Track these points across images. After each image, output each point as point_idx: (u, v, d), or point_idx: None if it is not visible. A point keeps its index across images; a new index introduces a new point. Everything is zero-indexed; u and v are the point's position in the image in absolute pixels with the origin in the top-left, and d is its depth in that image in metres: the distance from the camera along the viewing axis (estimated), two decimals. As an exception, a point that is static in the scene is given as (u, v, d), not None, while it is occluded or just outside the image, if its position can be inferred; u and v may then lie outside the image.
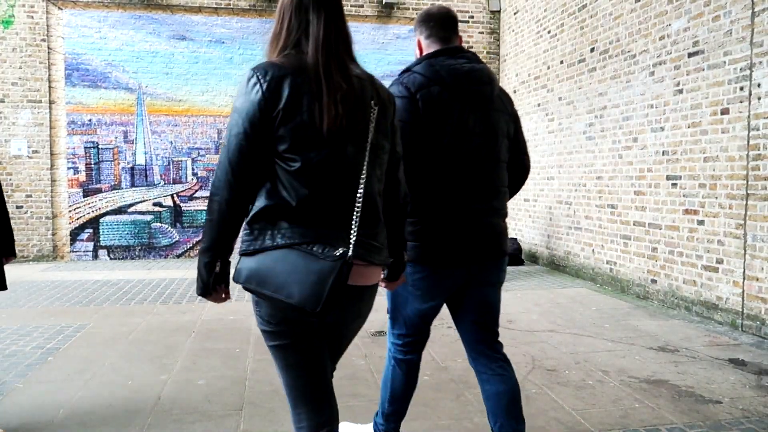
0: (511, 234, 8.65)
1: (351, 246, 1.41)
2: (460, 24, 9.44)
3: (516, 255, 7.78)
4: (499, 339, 2.17)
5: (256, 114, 1.40)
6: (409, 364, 2.24)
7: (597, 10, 6.34)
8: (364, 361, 3.68)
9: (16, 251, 3.23)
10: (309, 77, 1.43)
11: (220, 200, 1.45)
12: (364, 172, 1.49)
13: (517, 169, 2.26)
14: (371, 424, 2.46)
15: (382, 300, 5.81)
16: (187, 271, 7.16)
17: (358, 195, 1.47)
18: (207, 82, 8.29)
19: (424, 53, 2.12)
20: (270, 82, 1.41)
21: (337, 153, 1.45)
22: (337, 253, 1.37)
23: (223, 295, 1.57)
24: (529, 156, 2.32)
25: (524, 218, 8.25)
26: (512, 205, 8.62)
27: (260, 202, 1.45)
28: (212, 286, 1.51)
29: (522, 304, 5.37)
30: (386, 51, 8.75)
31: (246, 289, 1.46)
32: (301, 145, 1.42)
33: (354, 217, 1.45)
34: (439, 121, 1.96)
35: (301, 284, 1.37)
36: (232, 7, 8.25)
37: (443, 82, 1.98)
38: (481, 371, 2.13)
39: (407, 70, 2.08)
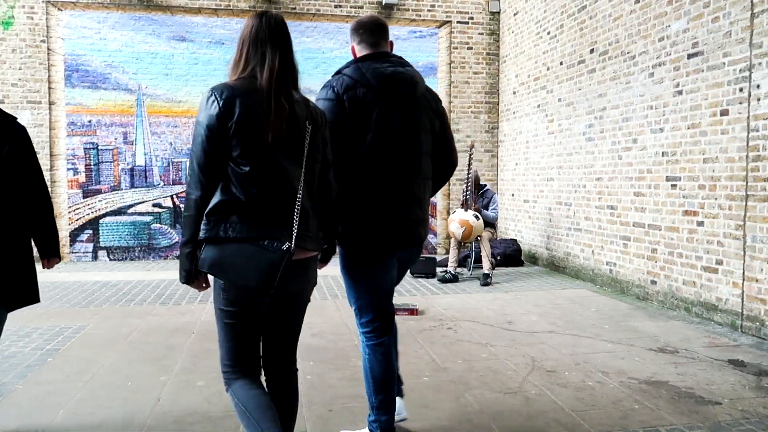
0: (510, 235, 8.66)
1: (293, 240, 1.80)
2: (460, 25, 9.44)
3: (516, 256, 7.78)
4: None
5: (214, 125, 1.76)
6: (383, 348, 2.37)
7: (596, 11, 6.35)
8: (363, 362, 3.68)
9: (60, 253, 2.70)
10: (259, 98, 1.79)
11: (195, 198, 1.80)
12: (302, 179, 1.85)
13: (444, 163, 2.52)
14: (366, 429, 2.50)
15: (381, 301, 5.76)
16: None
17: (298, 197, 1.84)
18: (207, 83, 8.28)
19: (357, 57, 2.37)
20: (225, 100, 1.77)
21: (279, 162, 1.81)
22: (284, 248, 1.76)
23: (204, 284, 1.90)
24: (456, 151, 2.56)
25: (524, 219, 8.26)
26: (512, 206, 8.62)
27: (216, 198, 1.79)
28: (194, 274, 1.85)
29: (522, 305, 5.37)
30: (386, 52, 8.75)
31: (210, 273, 1.83)
32: (250, 153, 1.77)
33: (295, 216, 1.82)
34: (364, 118, 2.21)
35: (257, 272, 1.75)
36: (231, 8, 8.26)
37: (369, 83, 2.22)
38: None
39: (338, 72, 2.31)
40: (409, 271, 6.83)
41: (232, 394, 1.94)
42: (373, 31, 2.34)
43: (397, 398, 2.56)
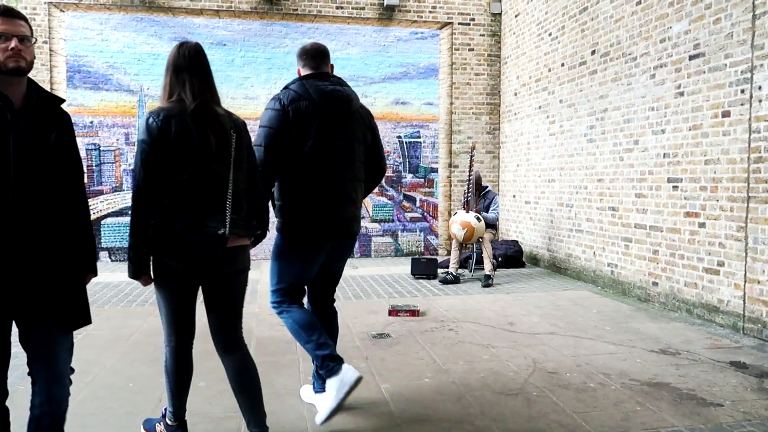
0: (512, 236, 8.65)
1: (227, 226, 2.23)
2: (461, 26, 9.44)
3: (517, 257, 7.77)
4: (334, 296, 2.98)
5: (156, 142, 2.16)
6: (299, 307, 2.78)
7: (598, 12, 6.35)
8: (365, 364, 3.68)
9: (97, 269, 2.27)
10: (190, 117, 2.19)
11: (139, 204, 2.21)
12: (230, 178, 2.27)
13: (375, 169, 2.91)
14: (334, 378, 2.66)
15: (382, 303, 5.82)
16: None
17: (229, 193, 2.26)
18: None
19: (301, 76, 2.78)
20: (162, 121, 2.16)
21: (211, 167, 2.22)
22: (220, 232, 2.21)
23: (149, 280, 2.32)
24: (385, 159, 2.96)
25: (525, 220, 8.25)
26: (513, 207, 8.62)
27: (162, 201, 2.20)
28: (142, 271, 2.28)
29: (523, 306, 5.37)
30: (387, 53, 8.77)
31: (163, 260, 2.23)
32: (186, 163, 2.19)
33: (227, 208, 2.25)
34: (305, 127, 2.60)
35: (200, 253, 2.22)
36: (233, 9, 8.27)
37: (311, 98, 2.63)
38: (316, 314, 2.89)
39: (286, 87, 2.70)
40: (410, 272, 6.87)
41: (166, 362, 2.49)
42: (314, 57, 2.77)
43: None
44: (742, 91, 4.43)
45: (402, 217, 8.92)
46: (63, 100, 2.08)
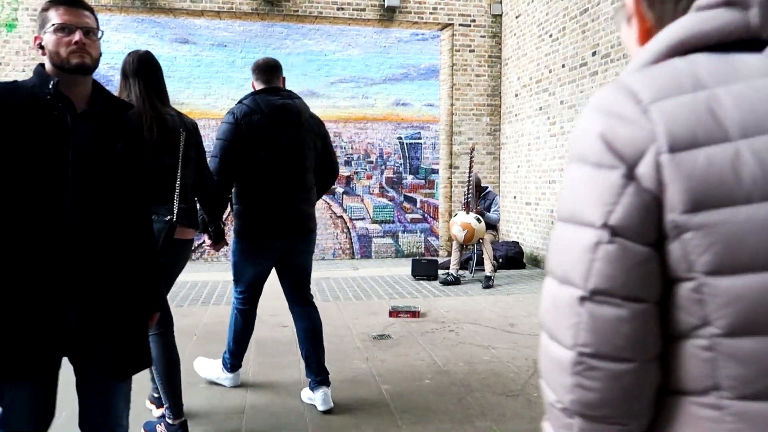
0: (512, 237, 8.65)
1: (174, 214, 2.43)
2: (462, 27, 9.44)
3: (517, 258, 7.78)
4: (310, 292, 3.13)
5: None
6: (248, 313, 3.13)
7: (599, 13, 6.35)
8: (365, 365, 3.68)
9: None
10: (139, 116, 2.40)
11: None
12: (179, 171, 2.48)
13: (328, 172, 3.18)
14: (220, 360, 3.28)
15: (382, 304, 5.81)
16: (189, 273, 7.16)
17: (177, 185, 2.47)
18: (209, 86, 8.31)
19: (255, 91, 3.02)
20: None
21: (161, 159, 2.43)
22: (167, 219, 2.41)
23: None
24: (337, 163, 3.23)
25: (526, 222, 8.25)
26: (514, 208, 8.62)
27: None
28: None
29: (524, 307, 5.37)
30: (388, 54, 8.77)
31: None
32: None
33: (175, 198, 2.46)
34: (257, 139, 2.85)
35: None
36: (234, 10, 8.28)
37: (262, 111, 2.87)
38: (296, 313, 3.09)
39: (240, 101, 2.95)
40: (411, 273, 6.87)
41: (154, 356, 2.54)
42: (265, 71, 2.99)
43: (324, 388, 2.98)
44: (743, 93, 4.42)
45: (402, 218, 8.93)
46: (132, 106, 1.82)
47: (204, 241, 3.15)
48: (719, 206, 0.61)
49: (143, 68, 2.57)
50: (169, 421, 2.55)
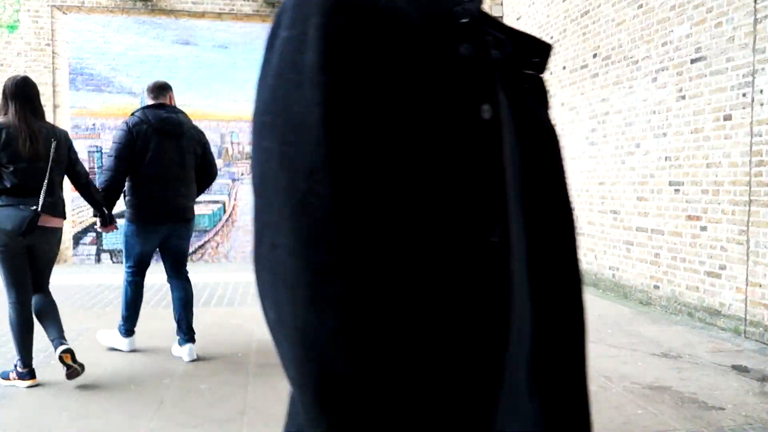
0: (513, 239, 8.64)
1: (40, 205, 3.15)
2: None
3: (518, 260, 7.76)
4: (186, 269, 3.96)
5: None
6: (136, 284, 3.86)
7: (599, 16, 6.36)
8: (366, 366, 3.68)
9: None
10: (11, 128, 3.15)
11: None
12: (47, 171, 3.21)
13: (206, 174, 3.97)
14: (116, 329, 3.96)
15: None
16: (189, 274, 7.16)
17: (45, 182, 3.19)
18: (210, 87, 8.31)
19: (146, 105, 3.83)
20: None
21: (31, 164, 3.18)
22: (32, 208, 3.14)
23: None
24: (216, 167, 4.04)
25: (526, 223, 8.24)
26: (514, 210, 8.61)
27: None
28: None
29: (524, 309, 5.36)
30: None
31: None
32: (12, 160, 3.14)
33: (42, 193, 3.17)
34: (145, 145, 3.63)
35: (14, 223, 3.13)
36: (235, 12, 8.29)
37: (149, 122, 3.67)
38: (173, 285, 3.91)
39: (133, 113, 3.75)
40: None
41: (10, 317, 3.25)
42: (153, 91, 3.84)
43: (190, 344, 3.79)
44: (744, 95, 4.43)
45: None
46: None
47: (96, 223, 3.84)
48: None
49: (19, 91, 3.20)
50: (19, 369, 3.24)
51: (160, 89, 3.85)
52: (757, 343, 4.23)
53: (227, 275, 7.13)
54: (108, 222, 3.67)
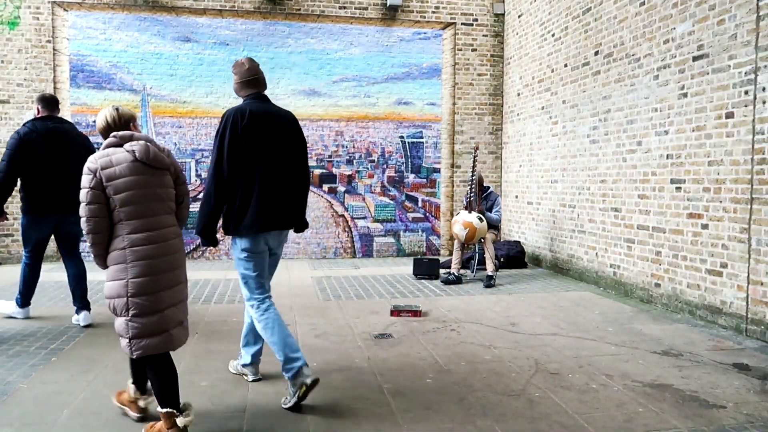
0: (514, 237, 8.64)
1: None
2: (464, 26, 9.42)
3: (519, 258, 7.77)
4: (79, 251, 4.74)
5: None
6: (33, 267, 4.62)
7: (601, 13, 6.34)
8: (366, 364, 3.68)
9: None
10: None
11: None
12: None
13: None
14: (14, 300, 4.76)
15: (383, 303, 5.80)
16: (190, 272, 7.16)
17: None
18: (211, 84, 8.31)
19: (37, 117, 4.50)
20: None
21: None
22: None
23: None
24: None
25: (528, 221, 8.24)
26: (516, 208, 8.61)
27: None
28: None
29: (525, 307, 5.36)
30: (390, 53, 8.76)
31: None
32: None
33: None
34: (32, 151, 4.33)
35: None
36: (236, 9, 8.27)
37: (38, 131, 4.36)
38: (67, 264, 4.64)
39: (24, 124, 4.39)
40: (412, 272, 6.88)
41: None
42: (44, 102, 4.50)
43: (85, 311, 4.60)
44: (746, 93, 4.42)
45: (404, 217, 8.92)
46: None
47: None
48: None
49: None
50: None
51: (51, 102, 4.55)
52: (759, 342, 4.22)
53: (227, 273, 7.13)
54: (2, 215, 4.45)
